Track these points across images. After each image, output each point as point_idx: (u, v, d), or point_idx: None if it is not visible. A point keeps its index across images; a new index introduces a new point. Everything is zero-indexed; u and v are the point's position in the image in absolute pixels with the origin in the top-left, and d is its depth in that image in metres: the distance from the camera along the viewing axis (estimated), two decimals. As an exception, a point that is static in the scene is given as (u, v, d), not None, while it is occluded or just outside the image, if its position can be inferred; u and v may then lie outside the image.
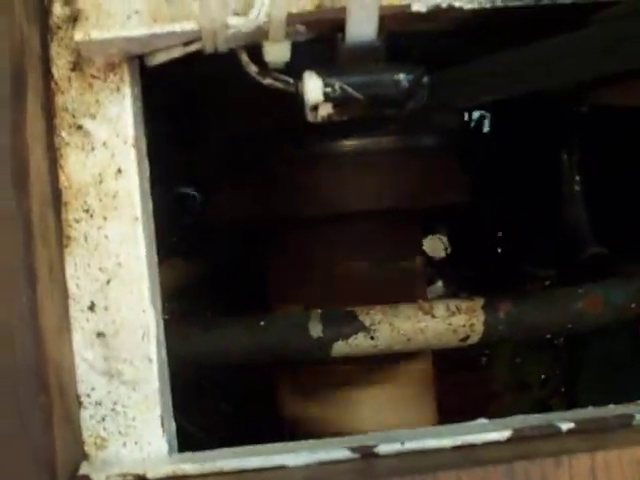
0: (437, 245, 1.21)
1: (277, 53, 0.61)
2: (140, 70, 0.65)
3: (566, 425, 0.59)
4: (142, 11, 0.59)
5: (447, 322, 0.83)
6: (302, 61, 0.63)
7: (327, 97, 0.61)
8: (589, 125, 1.02)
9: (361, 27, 0.59)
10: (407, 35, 0.64)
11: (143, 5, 0.59)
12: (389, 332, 0.83)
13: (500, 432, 0.59)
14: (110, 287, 0.62)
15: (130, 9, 0.59)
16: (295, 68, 0.63)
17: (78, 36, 0.59)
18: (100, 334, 0.61)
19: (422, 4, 0.60)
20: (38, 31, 0.60)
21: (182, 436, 0.66)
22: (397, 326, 0.83)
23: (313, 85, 0.60)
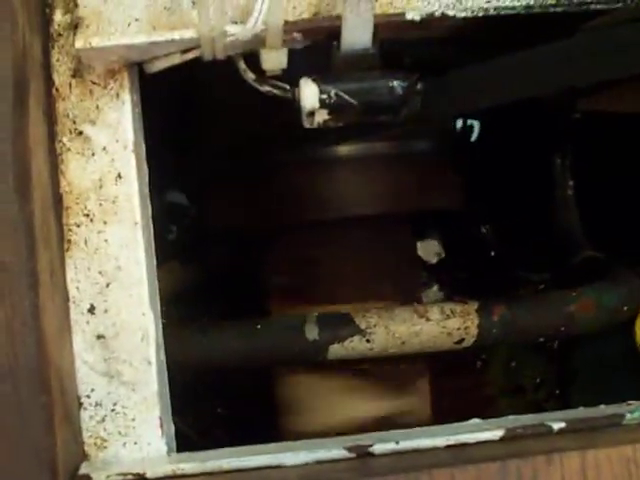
0: (431, 250, 1.22)
1: (274, 60, 0.61)
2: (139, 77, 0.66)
3: (557, 425, 0.59)
4: (141, 19, 0.60)
5: (442, 325, 0.84)
6: (299, 68, 0.64)
7: (323, 103, 0.62)
8: (582, 130, 1.02)
9: (356, 35, 0.60)
10: (402, 43, 0.65)
11: (142, 13, 0.60)
12: (384, 335, 0.83)
13: (493, 431, 0.59)
14: (110, 290, 0.62)
15: (130, 17, 0.60)
16: (291, 75, 0.64)
17: (79, 43, 0.60)
18: (100, 336, 0.62)
19: (416, 13, 0.61)
20: (40, 39, 0.61)
21: (179, 439, 0.66)
22: (392, 329, 0.83)
23: (309, 92, 0.61)
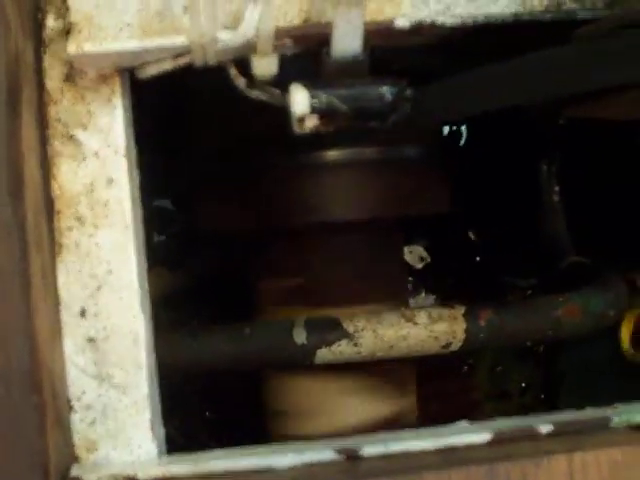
0: (417, 255, 1.22)
1: (265, 66, 0.62)
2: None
3: (545, 428, 0.60)
4: (133, 24, 0.61)
5: (429, 329, 0.84)
6: (289, 74, 0.64)
7: (313, 109, 0.62)
8: (568, 136, 1.03)
9: (346, 42, 0.60)
10: (392, 49, 0.65)
11: (134, 18, 0.61)
12: (372, 339, 0.83)
13: (481, 434, 0.60)
14: (101, 293, 0.63)
15: (122, 22, 0.61)
16: (282, 80, 0.64)
17: (71, 49, 0.60)
18: (91, 339, 0.62)
19: (405, 20, 0.62)
20: (32, 44, 0.61)
21: (167, 443, 0.66)
22: (380, 333, 0.83)
23: (300, 97, 0.62)
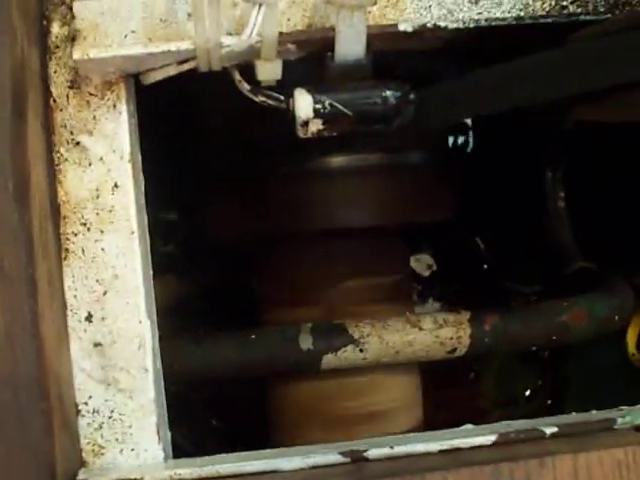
0: (424, 262, 1.23)
1: (269, 71, 0.62)
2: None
3: (550, 429, 0.60)
4: (138, 30, 0.61)
5: (435, 335, 0.84)
6: (293, 78, 0.64)
7: (317, 113, 0.62)
8: (573, 142, 1.03)
9: (349, 46, 0.61)
10: (396, 53, 0.66)
11: (139, 25, 0.61)
12: (378, 345, 0.83)
13: (486, 436, 0.60)
14: (107, 298, 0.63)
15: (126, 29, 0.61)
16: (286, 85, 0.65)
17: (76, 55, 0.61)
18: (97, 344, 0.63)
19: (408, 24, 0.62)
20: (38, 50, 0.62)
21: (173, 450, 0.67)
22: (386, 339, 0.83)
23: (303, 102, 0.62)
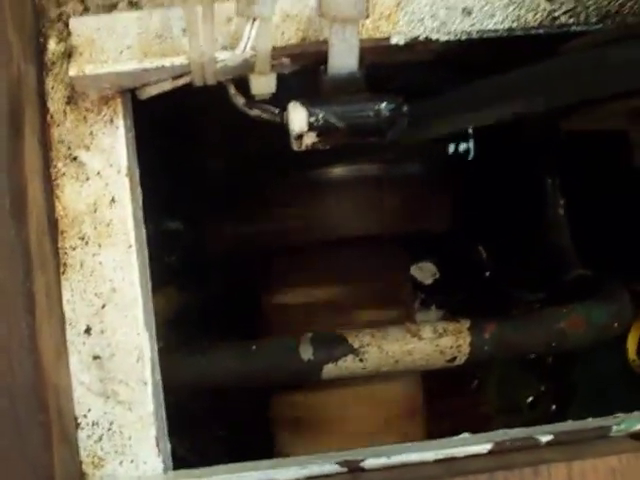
0: (426, 271, 1.23)
1: (263, 85, 0.63)
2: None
3: (545, 437, 0.61)
4: (133, 46, 0.62)
5: (434, 343, 0.84)
6: (287, 90, 0.65)
7: (311, 127, 0.62)
8: (572, 150, 1.03)
9: (343, 59, 0.61)
10: (389, 66, 0.66)
11: (134, 41, 0.62)
12: (377, 354, 0.84)
13: (481, 445, 0.60)
14: (105, 311, 0.63)
15: (122, 45, 0.62)
16: (280, 97, 0.65)
17: (73, 71, 0.61)
18: (96, 357, 0.63)
19: (401, 37, 0.63)
20: (34, 67, 0.62)
21: (178, 462, 0.67)
22: (385, 348, 0.84)
23: (298, 115, 0.62)
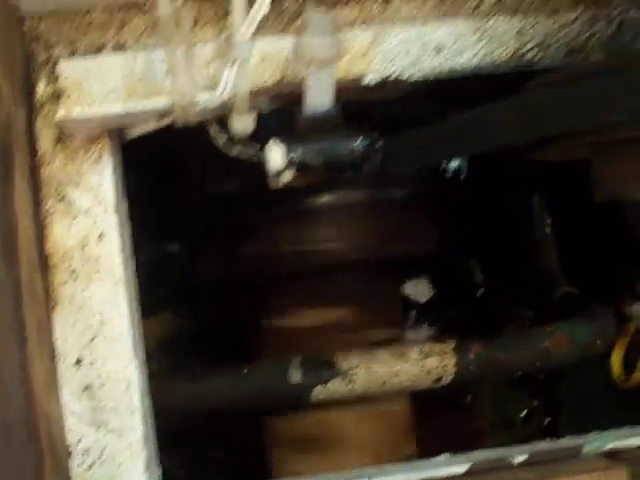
0: (421, 289, 1.24)
1: (242, 124, 0.65)
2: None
3: (518, 458, 0.63)
4: (119, 89, 0.64)
5: (420, 365, 0.86)
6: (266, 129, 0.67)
7: (288, 165, 0.65)
8: (555, 172, 1.05)
9: (318, 98, 0.63)
10: (364, 103, 0.68)
11: (119, 83, 0.64)
12: (365, 376, 0.85)
13: (459, 466, 0.63)
14: (95, 343, 0.65)
15: (108, 87, 0.64)
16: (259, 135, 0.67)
17: (61, 114, 0.63)
18: (87, 387, 0.65)
19: (373, 77, 0.65)
20: (24, 109, 0.64)
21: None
22: (373, 370, 0.85)
23: (275, 155, 0.64)
